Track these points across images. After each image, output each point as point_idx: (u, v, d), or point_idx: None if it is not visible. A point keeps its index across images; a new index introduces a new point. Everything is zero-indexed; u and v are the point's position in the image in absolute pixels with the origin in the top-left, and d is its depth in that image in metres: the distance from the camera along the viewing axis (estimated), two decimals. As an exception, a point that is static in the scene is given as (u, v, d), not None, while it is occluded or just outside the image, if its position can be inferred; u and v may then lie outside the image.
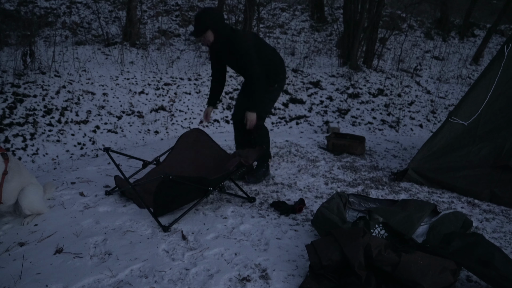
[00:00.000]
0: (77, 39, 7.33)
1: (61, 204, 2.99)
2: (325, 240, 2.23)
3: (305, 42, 9.88)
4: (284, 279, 2.21)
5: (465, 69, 9.08)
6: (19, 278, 2.10)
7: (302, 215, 3.02)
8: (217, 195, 3.29)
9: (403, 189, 3.66)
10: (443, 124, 3.90)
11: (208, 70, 7.10)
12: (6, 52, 5.71)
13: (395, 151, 5.03)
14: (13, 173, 2.62)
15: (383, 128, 6.32)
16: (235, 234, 2.69)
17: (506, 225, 3.02)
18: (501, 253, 2.08)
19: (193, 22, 3.08)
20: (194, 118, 5.91)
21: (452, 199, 3.50)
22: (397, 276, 2.02)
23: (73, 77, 5.63)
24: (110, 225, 2.73)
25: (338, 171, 4.14)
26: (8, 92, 4.86)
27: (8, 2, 8.22)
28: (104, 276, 2.16)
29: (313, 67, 8.00)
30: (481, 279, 2.05)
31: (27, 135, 4.45)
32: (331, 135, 5.09)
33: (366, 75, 7.72)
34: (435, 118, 6.71)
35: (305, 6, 12.56)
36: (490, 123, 3.80)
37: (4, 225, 2.66)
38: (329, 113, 6.59)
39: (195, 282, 2.16)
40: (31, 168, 3.99)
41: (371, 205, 2.95)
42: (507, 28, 11.79)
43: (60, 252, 2.36)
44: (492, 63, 3.90)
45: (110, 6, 9.61)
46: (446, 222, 2.58)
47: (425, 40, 11.01)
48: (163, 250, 2.45)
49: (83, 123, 5.00)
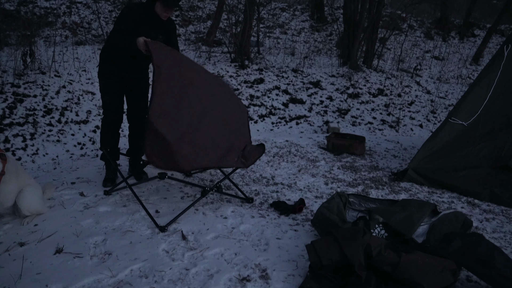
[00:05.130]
0: (77, 39, 7.33)
1: (61, 204, 2.99)
2: (325, 240, 2.23)
3: (305, 42, 9.88)
4: (284, 279, 2.21)
5: (465, 69, 9.08)
6: (19, 278, 2.10)
7: (302, 215, 3.02)
8: (217, 195, 3.29)
9: (403, 189, 3.66)
10: (442, 124, 3.90)
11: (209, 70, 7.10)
12: (6, 52, 5.71)
13: (395, 151, 5.04)
14: (11, 174, 2.59)
15: (383, 128, 6.32)
16: (235, 234, 2.69)
17: (506, 225, 3.02)
18: (501, 253, 2.08)
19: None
20: (194, 118, 5.91)
21: (452, 199, 3.50)
22: (397, 276, 2.02)
23: (73, 77, 5.62)
24: (110, 225, 2.73)
25: (338, 171, 4.14)
26: (8, 92, 4.86)
27: (8, 2, 8.22)
28: (104, 276, 2.16)
29: (313, 67, 8.00)
30: (481, 279, 2.05)
31: (27, 135, 4.45)
32: (331, 135, 5.09)
33: (366, 75, 7.72)
34: (435, 118, 6.71)
35: (305, 6, 12.56)
36: (490, 123, 3.80)
37: (4, 225, 2.66)
38: (329, 113, 6.59)
39: (195, 282, 2.15)
40: (31, 168, 3.99)
41: (371, 205, 2.95)
42: (507, 28, 11.79)
43: (60, 252, 2.36)
44: (492, 63, 3.90)
45: (110, 6, 9.61)
46: (446, 222, 2.58)
47: (425, 40, 11.02)
48: (163, 250, 2.45)
49: (83, 123, 5.00)
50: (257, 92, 6.77)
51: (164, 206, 3.08)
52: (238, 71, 7.25)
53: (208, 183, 3.60)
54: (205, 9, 10.91)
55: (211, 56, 7.79)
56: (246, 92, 6.71)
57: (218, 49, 8.34)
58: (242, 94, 6.65)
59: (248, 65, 7.50)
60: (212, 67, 7.25)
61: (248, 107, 6.42)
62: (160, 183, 3.51)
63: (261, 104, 6.53)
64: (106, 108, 3.31)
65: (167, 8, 3.01)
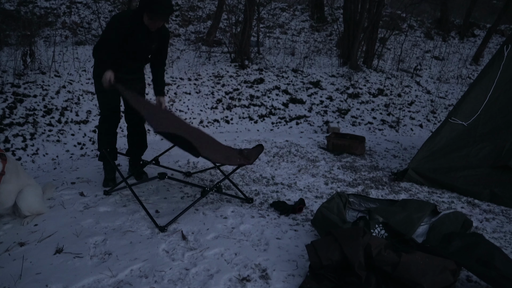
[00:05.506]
0: (77, 39, 7.33)
1: (61, 204, 2.99)
2: (325, 240, 2.23)
3: (305, 42, 9.88)
4: (284, 279, 2.21)
5: (465, 69, 9.08)
6: (19, 278, 2.10)
7: (302, 215, 3.02)
8: (217, 195, 3.29)
9: (403, 189, 3.66)
10: (442, 124, 3.90)
11: (208, 70, 7.10)
12: (6, 52, 5.71)
13: (395, 151, 5.04)
14: (11, 174, 2.60)
15: (383, 128, 6.32)
16: (235, 234, 2.69)
17: (506, 225, 3.02)
18: (501, 253, 2.08)
19: (167, 6, 2.98)
20: (194, 118, 5.91)
21: (452, 199, 3.50)
22: (397, 276, 2.02)
23: (73, 77, 5.62)
24: (110, 225, 2.73)
25: (338, 171, 4.14)
26: (8, 92, 4.86)
27: (8, 2, 8.22)
28: (104, 276, 2.16)
29: (313, 67, 8.00)
30: (481, 279, 2.05)
31: (27, 135, 4.45)
32: (331, 135, 5.09)
33: (366, 75, 7.72)
34: (435, 118, 6.71)
35: (305, 6, 12.56)
36: (490, 123, 3.80)
37: (4, 225, 2.66)
38: (329, 113, 6.59)
39: (195, 282, 2.15)
40: (31, 168, 3.99)
41: (371, 205, 2.95)
42: (507, 28, 11.79)
43: (60, 252, 2.36)
44: (491, 63, 3.90)
45: (110, 6, 9.61)
46: (446, 222, 2.58)
47: (425, 40, 11.01)
48: (163, 250, 2.45)
49: (83, 123, 5.00)
50: (257, 92, 6.77)
51: (164, 206, 3.08)
52: (238, 71, 7.25)
53: (208, 183, 3.60)
54: (205, 9, 10.91)
55: (211, 56, 7.79)
56: (246, 92, 6.71)
57: (218, 49, 8.34)
58: (242, 94, 6.65)
59: (248, 65, 7.50)
60: (212, 67, 7.26)
61: (248, 107, 6.42)
62: (160, 183, 3.51)
63: (261, 104, 6.53)
64: (103, 108, 3.31)
65: (153, 21, 2.98)
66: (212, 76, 6.97)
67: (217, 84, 6.78)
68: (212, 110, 6.20)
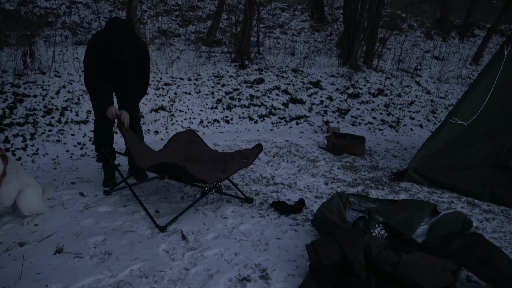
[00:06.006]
0: (77, 39, 7.33)
1: (61, 204, 2.99)
2: (325, 240, 2.23)
3: (305, 42, 9.88)
4: (284, 279, 2.21)
5: (465, 69, 9.08)
6: (19, 278, 2.10)
7: (302, 215, 3.02)
8: (217, 195, 3.29)
9: (403, 189, 3.66)
10: (442, 124, 3.90)
11: (208, 70, 7.10)
12: (6, 52, 5.71)
13: (395, 151, 5.03)
14: (11, 174, 2.60)
15: (383, 128, 6.32)
16: (235, 234, 2.69)
17: (506, 225, 3.02)
18: (501, 253, 2.08)
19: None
20: (194, 118, 5.91)
21: (452, 199, 3.50)
22: (397, 276, 2.02)
23: (73, 77, 5.62)
24: (110, 225, 2.73)
25: (338, 171, 4.14)
26: (8, 92, 4.86)
27: (8, 2, 8.22)
28: (104, 276, 2.16)
29: (313, 67, 8.00)
30: (481, 279, 2.05)
31: (27, 135, 4.45)
32: (331, 135, 5.09)
33: (366, 75, 7.72)
34: (435, 118, 6.71)
35: (305, 6, 12.56)
36: (490, 123, 3.80)
37: (4, 225, 2.66)
38: (329, 113, 6.59)
39: (195, 282, 2.15)
40: (31, 168, 3.99)
41: (371, 205, 2.95)
42: (507, 28, 11.78)
43: (60, 252, 2.36)
44: (491, 63, 3.90)
45: (110, 6, 9.62)
46: (446, 222, 2.58)
47: (425, 40, 11.01)
48: (163, 250, 2.45)
49: (83, 123, 5.00)
50: (257, 92, 6.77)
51: (164, 206, 3.08)
52: (238, 71, 7.25)
53: (208, 183, 3.60)
54: (205, 9, 10.91)
55: (211, 56, 7.79)
56: (246, 92, 6.71)
57: (218, 49, 8.34)
58: (242, 94, 6.65)
59: (248, 65, 7.50)
60: (212, 67, 7.26)
61: (248, 107, 6.42)
62: (160, 183, 3.51)
63: (261, 104, 6.53)
64: (97, 109, 3.31)
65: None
66: (212, 76, 6.97)
67: (217, 84, 6.78)
68: (212, 110, 6.21)
